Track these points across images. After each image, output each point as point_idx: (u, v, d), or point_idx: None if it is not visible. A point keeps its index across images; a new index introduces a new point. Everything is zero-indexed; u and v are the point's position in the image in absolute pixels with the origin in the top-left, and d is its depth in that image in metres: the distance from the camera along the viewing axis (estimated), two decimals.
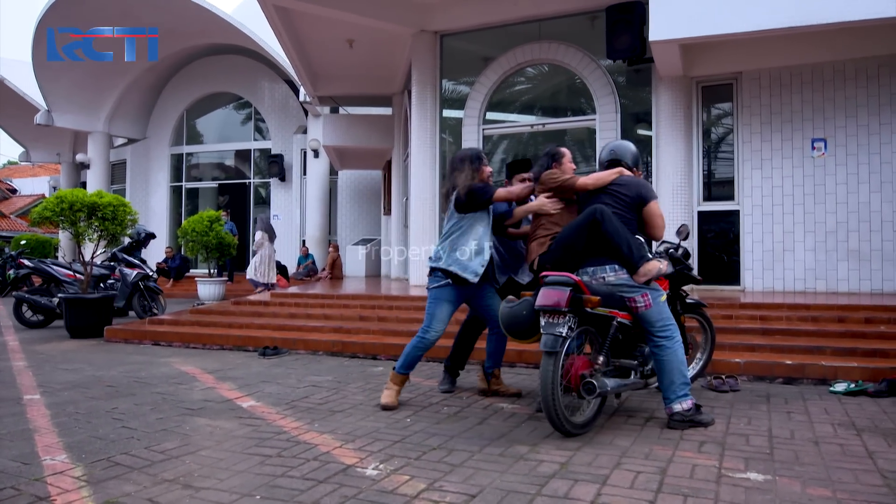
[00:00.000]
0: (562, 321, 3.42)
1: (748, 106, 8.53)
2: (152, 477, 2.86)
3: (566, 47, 9.31)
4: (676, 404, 3.64)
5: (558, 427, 3.42)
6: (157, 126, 19.70)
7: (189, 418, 3.92)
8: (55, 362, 6.11)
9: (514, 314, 3.66)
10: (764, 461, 3.06)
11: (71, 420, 3.89)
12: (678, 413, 3.64)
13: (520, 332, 3.65)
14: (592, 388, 3.46)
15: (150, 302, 9.67)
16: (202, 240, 11.60)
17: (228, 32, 15.51)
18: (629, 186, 3.90)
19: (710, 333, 4.81)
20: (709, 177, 8.99)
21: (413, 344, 4.25)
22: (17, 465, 3.01)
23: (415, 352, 4.25)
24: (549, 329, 3.44)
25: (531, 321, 3.56)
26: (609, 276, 3.76)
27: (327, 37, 10.99)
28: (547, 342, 3.43)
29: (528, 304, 3.60)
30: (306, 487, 2.72)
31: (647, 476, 2.84)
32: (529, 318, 3.57)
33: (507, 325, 3.70)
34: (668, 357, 3.67)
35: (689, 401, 3.67)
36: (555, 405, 3.36)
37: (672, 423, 3.65)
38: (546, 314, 3.48)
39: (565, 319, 3.43)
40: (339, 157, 15.65)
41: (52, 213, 7.95)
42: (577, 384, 3.51)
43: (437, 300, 4.22)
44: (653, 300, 3.73)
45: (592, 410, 3.66)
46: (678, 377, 3.66)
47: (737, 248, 8.58)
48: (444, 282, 4.19)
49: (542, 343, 3.45)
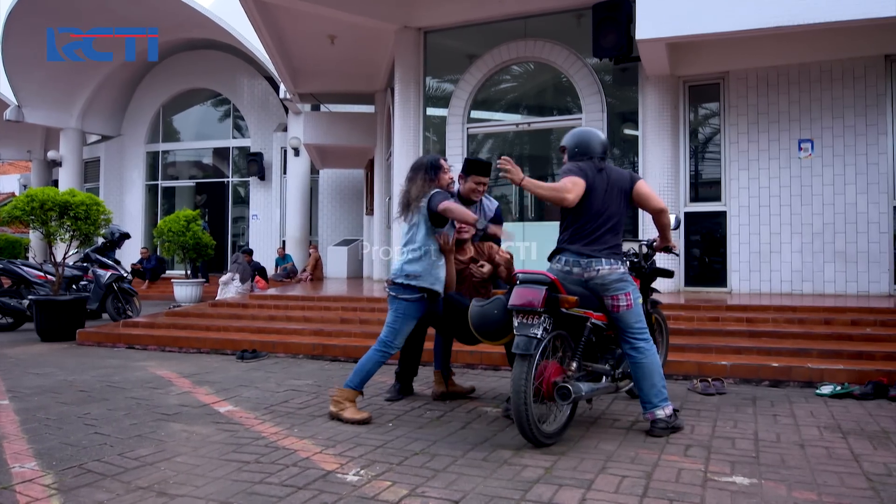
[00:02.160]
0: (536, 322, 3.30)
1: (735, 106, 8.62)
2: (126, 484, 2.83)
3: (552, 45, 9.36)
4: (659, 410, 3.58)
5: (529, 437, 3.29)
6: (132, 123, 19.52)
7: (164, 424, 3.89)
8: (25, 366, 6.03)
9: (484, 314, 3.56)
10: (750, 465, 3.09)
11: (41, 426, 3.84)
12: (661, 420, 3.58)
13: (491, 332, 3.55)
14: (567, 392, 3.32)
15: (125, 304, 9.57)
16: (178, 240, 11.53)
17: (206, 27, 15.41)
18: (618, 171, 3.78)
19: (665, 333, 4.75)
20: (696, 177, 9.07)
21: (374, 360, 3.97)
22: None
23: (374, 367, 3.98)
24: (523, 330, 3.31)
25: (503, 321, 3.47)
26: (604, 269, 3.59)
27: (308, 32, 10.96)
28: (520, 344, 3.28)
29: (499, 304, 3.50)
30: (285, 494, 2.71)
31: (633, 480, 2.86)
32: (501, 318, 3.48)
33: (478, 326, 3.60)
34: (647, 360, 3.60)
35: (669, 406, 3.62)
36: (527, 413, 3.21)
37: (655, 430, 3.57)
38: (519, 314, 3.35)
39: (540, 320, 3.30)
40: (321, 156, 15.61)
41: (22, 212, 7.86)
42: (549, 390, 3.38)
43: (405, 316, 3.99)
44: (634, 300, 3.63)
45: (563, 418, 3.52)
46: (658, 381, 3.61)
47: (723, 250, 8.67)
48: (417, 296, 3.97)
49: (515, 345, 3.30)
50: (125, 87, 19.21)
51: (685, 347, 5.68)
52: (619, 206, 3.69)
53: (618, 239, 3.70)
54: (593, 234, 3.63)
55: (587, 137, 3.79)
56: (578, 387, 3.40)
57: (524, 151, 10.76)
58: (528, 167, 10.69)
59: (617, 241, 3.69)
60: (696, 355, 5.51)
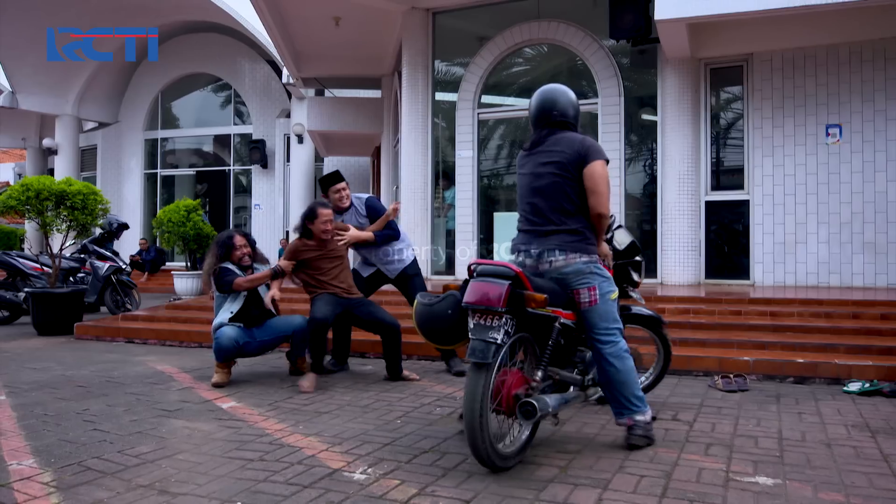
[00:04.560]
0: (497, 324, 2.87)
1: (759, 89, 8.56)
2: (126, 482, 2.86)
3: (566, 26, 9.31)
4: (638, 415, 3.26)
5: (484, 461, 2.86)
6: (129, 109, 19.59)
7: (165, 420, 3.92)
8: (22, 361, 6.08)
9: (434, 314, 3.16)
10: (774, 464, 3.08)
11: (39, 422, 3.87)
12: (639, 424, 3.26)
13: (441, 335, 3.18)
14: (532, 410, 2.89)
15: (124, 297, 9.64)
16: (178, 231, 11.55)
17: (205, 8, 15.42)
18: (566, 142, 3.28)
19: (664, 353, 4.23)
20: (717, 165, 9.02)
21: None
22: None
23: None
24: (480, 333, 2.88)
25: (456, 322, 3.08)
26: (558, 261, 3.20)
27: (312, 14, 10.93)
28: (476, 350, 2.86)
29: (452, 301, 3.12)
30: (290, 493, 2.73)
31: (651, 480, 2.86)
32: (454, 318, 3.08)
33: (425, 327, 3.22)
34: (617, 364, 3.24)
35: (648, 411, 3.31)
36: (482, 434, 2.79)
37: (633, 437, 3.25)
38: (477, 314, 2.93)
39: (501, 322, 2.88)
40: (325, 143, 15.62)
41: (17, 201, 7.90)
42: (509, 405, 2.98)
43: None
44: (600, 295, 3.24)
45: (523, 437, 3.10)
46: (630, 391, 3.25)
47: (746, 241, 8.62)
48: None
49: (471, 351, 2.87)
50: (122, 73, 19.27)
51: (706, 342, 5.66)
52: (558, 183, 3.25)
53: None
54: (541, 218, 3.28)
55: (534, 102, 3.44)
56: (545, 401, 3.00)
57: None
58: None
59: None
60: (717, 350, 5.49)
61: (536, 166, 3.29)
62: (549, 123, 3.36)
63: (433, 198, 10.04)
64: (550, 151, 3.28)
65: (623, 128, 9.08)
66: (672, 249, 8.66)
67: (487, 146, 10.28)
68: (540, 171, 3.27)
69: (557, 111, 3.35)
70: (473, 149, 9.70)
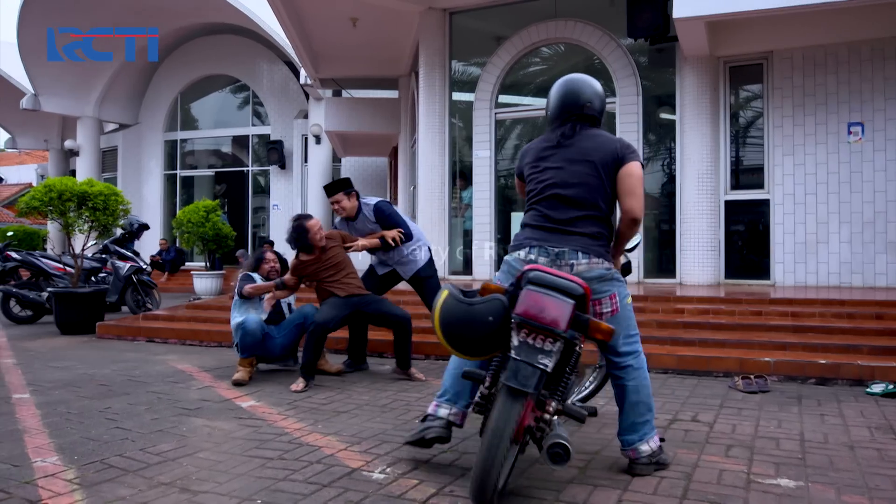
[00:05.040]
0: (550, 348, 2.49)
1: (779, 88, 8.47)
2: (148, 480, 2.89)
3: (584, 25, 9.27)
4: (643, 444, 2.94)
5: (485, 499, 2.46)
6: (149, 110, 19.79)
7: (186, 419, 3.95)
8: (45, 360, 6.16)
9: (471, 316, 2.64)
10: (796, 467, 3.05)
11: (62, 420, 3.93)
12: (644, 456, 2.94)
13: (469, 343, 2.66)
14: (564, 453, 2.48)
15: (144, 297, 9.72)
16: (198, 231, 11.67)
17: (224, 10, 15.53)
18: (601, 140, 2.98)
19: (598, 377, 3.89)
20: (737, 164, 8.94)
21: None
22: (6, 467, 3.04)
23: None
24: (528, 355, 2.48)
25: (494, 332, 2.61)
26: (581, 264, 2.83)
27: (329, 14, 10.98)
28: (520, 374, 2.46)
29: (497, 307, 2.63)
30: (310, 492, 2.74)
31: (671, 482, 2.84)
32: (493, 326, 2.60)
33: (454, 329, 2.67)
34: (636, 382, 2.95)
35: (656, 437, 3.00)
36: (495, 472, 2.42)
37: (636, 467, 2.93)
38: (526, 331, 2.51)
39: (555, 347, 2.49)
40: (343, 144, 15.67)
41: (40, 202, 7.99)
42: (518, 436, 2.58)
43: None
44: (620, 301, 2.93)
45: (508, 468, 2.61)
46: (644, 409, 2.96)
47: (766, 240, 8.54)
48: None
49: (512, 374, 2.47)
50: (142, 75, 19.47)
51: (726, 343, 5.62)
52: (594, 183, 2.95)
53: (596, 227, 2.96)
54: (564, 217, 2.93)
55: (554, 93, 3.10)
56: (567, 439, 2.54)
57: None
58: None
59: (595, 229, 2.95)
60: (737, 351, 5.45)
61: (567, 162, 2.94)
62: (577, 117, 3.01)
63: (450, 198, 10.04)
64: (584, 148, 2.94)
65: (641, 127, 9.03)
66: (691, 249, 8.60)
67: (504, 146, 10.27)
68: (572, 169, 2.92)
69: (586, 102, 3.00)
70: (490, 149, 9.69)
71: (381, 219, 5.38)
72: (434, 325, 2.71)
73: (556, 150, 3.00)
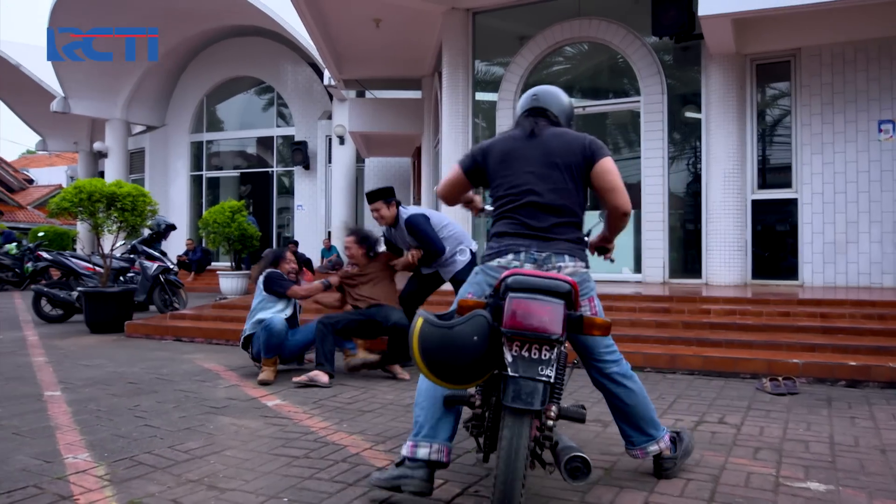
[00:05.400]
0: (548, 357, 2.24)
1: (807, 85, 8.35)
2: (176, 477, 2.92)
3: (608, 24, 9.22)
4: (652, 445, 2.84)
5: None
6: (176, 112, 20.05)
7: (213, 417, 4.00)
8: (75, 358, 6.27)
9: (452, 341, 2.31)
10: (826, 470, 3.00)
11: (93, 417, 3.99)
12: (666, 458, 2.86)
13: (458, 371, 2.32)
14: (584, 466, 2.28)
15: (171, 296, 9.85)
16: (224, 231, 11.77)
17: (249, 13, 15.70)
18: (569, 139, 2.80)
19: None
20: (763, 163, 8.83)
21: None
22: (39, 463, 3.10)
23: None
24: (527, 369, 2.22)
25: (484, 354, 2.31)
26: (568, 267, 2.64)
27: (353, 16, 11.04)
28: (523, 393, 2.21)
29: (480, 325, 2.32)
30: (335, 490, 2.76)
31: (698, 484, 2.82)
32: (481, 348, 2.30)
33: (437, 357, 2.32)
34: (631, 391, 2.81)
35: (666, 435, 2.89)
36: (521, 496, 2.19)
37: (664, 468, 2.86)
38: (518, 343, 2.26)
39: (553, 354, 2.25)
40: (366, 144, 15.74)
41: (70, 203, 8.12)
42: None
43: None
44: (598, 306, 2.80)
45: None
46: (647, 414, 2.84)
47: (794, 240, 8.42)
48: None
49: (514, 395, 2.21)
50: (169, 77, 19.74)
51: (753, 344, 5.55)
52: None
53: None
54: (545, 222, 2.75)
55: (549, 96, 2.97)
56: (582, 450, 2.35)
57: None
58: None
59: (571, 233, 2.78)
60: (765, 352, 5.38)
61: (539, 166, 2.75)
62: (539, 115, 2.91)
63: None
64: (552, 149, 2.77)
65: (666, 126, 8.96)
66: (717, 249, 8.51)
67: None
68: (546, 173, 2.73)
69: (552, 116, 2.90)
70: None
71: (412, 234, 5.31)
72: (414, 358, 2.35)
73: (523, 146, 2.81)
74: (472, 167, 2.94)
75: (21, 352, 6.64)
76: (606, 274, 9.19)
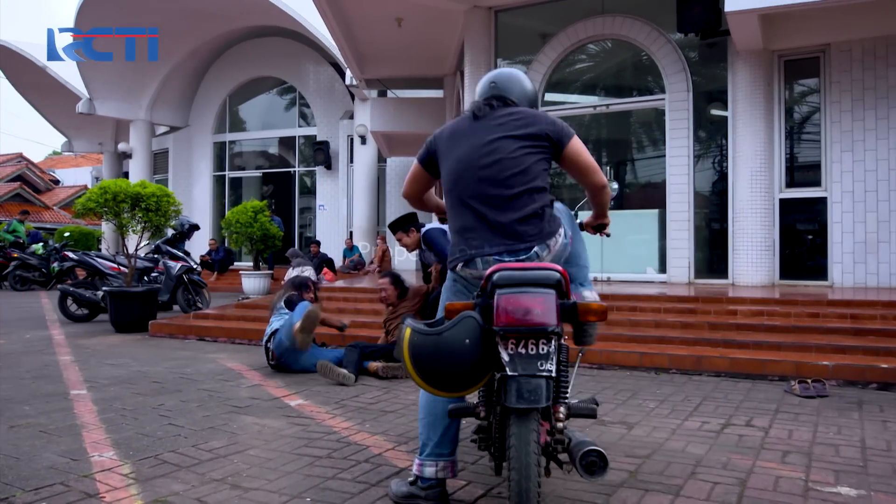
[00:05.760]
0: (546, 350, 2.14)
1: (837, 81, 8.22)
2: (200, 476, 2.96)
3: (632, 21, 9.15)
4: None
5: None
6: (199, 113, 20.26)
7: (236, 416, 4.03)
8: (101, 357, 6.36)
9: (442, 347, 2.21)
10: (857, 475, 2.95)
11: (118, 416, 4.04)
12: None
13: (452, 378, 2.24)
14: (601, 461, 2.17)
15: (195, 296, 9.96)
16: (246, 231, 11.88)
17: (271, 13, 15.80)
18: (531, 114, 2.57)
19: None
20: (792, 161, 8.71)
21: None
22: (65, 461, 3.15)
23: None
24: (526, 366, 2.13)
25: (479, 357, 2.21)
26: (559, 243, 2.52)
27: (375, 15, 11.08)
28: (525, 391, 2.11)
29: (470, 327, 2.21)
30: (358, 490, 2.77)
31: (725, 487, 2.78)
32: (474, 352, 2.20)
33: (429, 366, 2.23)
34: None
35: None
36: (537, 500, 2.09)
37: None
38: (513, 340, 2.15)
39: (551, 347, 2.15)
40: (388, 144, 15.78)
41: (96, 204, 8.24)
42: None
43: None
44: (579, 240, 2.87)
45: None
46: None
47: (823, 240, 8.30)
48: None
49: (517, 394, 2.11)
50: (192, 78, 19.95)
51: (781, 345, 5.48)
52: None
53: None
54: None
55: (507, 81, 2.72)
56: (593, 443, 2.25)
57: (602, 135, 10.59)
58: (605, 152, 10.52)
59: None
60: (793, 354, 5.30)
61: (491, 140, 2.52)
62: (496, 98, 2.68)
63: None
64: (510, 122, 2.53)
65: (691, 124, 8.87)
66: (744, 249, 8.41)
67: None
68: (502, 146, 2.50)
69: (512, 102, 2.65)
70: None
71: (429, 249, 5.54)
72: (408, 370, 2.28)
73: (474, 123, 2.62)
74: (426, 157, 2.78)
75: (48, 350, 6.75)
76: (631, 274, 9.13)
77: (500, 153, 2.49)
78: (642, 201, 9.87)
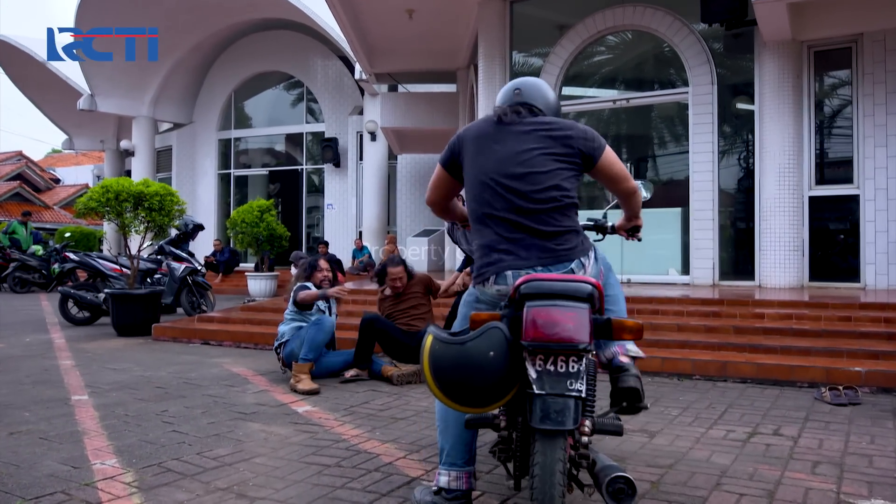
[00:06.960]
0: (577, 368, 2.10)
1: (870, 73, 8.14)
2: (205, 485, 2.97)
3: (653, 11, 9.12)
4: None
5: None
6: (203, 109, 20.36)
7: (242, 423, 4.05)
8: (102, 361, 6.41)
9: (466, 358, 2.18)
10: (892, 486, 2.93)
11: (120, 422, 4.08)
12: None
13: (475, 392, 2.20)
14: (629, 489, 2.10)
15: (199, 298, 10.00)
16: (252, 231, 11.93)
17: (277, 5, 15.87)
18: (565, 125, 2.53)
19: None
20: (822, 157, 8.64)
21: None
22: (67, 469, 3.17)
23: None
24: (555, 385, 2.08)
25: (504, 371, 2.17)
26: (592, 265, 2.52)
27: (385, 6, 11.09)
28: (552, 412, 2.07)
29: (496, 338, 2.18)
30: (368, 500, 2.77)
31: (752, 499, 2.77)
32: (500, 365, 2.16)
33: (451, 378, 2.20)
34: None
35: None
36: None
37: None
38: (542, 356, 2.12)
39: (581, 365, 2.12)
40: (399, 140, 15.79)
41: (97, 203, 8.28)
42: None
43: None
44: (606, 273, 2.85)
45: None
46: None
47: (855, 240, 8.22)
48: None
49: (543, 415, 2.07)
50: (196, 73, 20.06)
51: (811, 351, 5.44)
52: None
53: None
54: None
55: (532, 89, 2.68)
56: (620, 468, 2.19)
57: (621, 130, 10.56)
58: (625, 148, 10.48)
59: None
60: (824, 360, 5.26)
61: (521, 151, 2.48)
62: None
63: None
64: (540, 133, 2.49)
65: (716, 118, 8.82)
66: (771, 249, 8.35)
67: None
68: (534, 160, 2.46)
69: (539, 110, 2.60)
70: None
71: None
72: (426, 379, 2.25)
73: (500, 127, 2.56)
74: (450, 159, 2.68)
75: (48, 355, 6.82)
76: (653, 276, 9.09)
77: (530, 166, 2.45)
78: (664, 199, 9.82)
